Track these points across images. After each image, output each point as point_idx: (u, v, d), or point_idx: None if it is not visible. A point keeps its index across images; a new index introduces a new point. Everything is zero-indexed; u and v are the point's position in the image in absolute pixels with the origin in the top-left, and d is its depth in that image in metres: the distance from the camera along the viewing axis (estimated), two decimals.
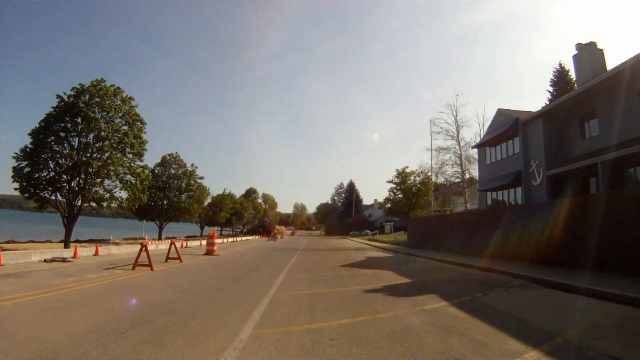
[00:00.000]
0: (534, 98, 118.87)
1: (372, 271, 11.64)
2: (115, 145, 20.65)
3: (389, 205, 70.09)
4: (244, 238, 45.42)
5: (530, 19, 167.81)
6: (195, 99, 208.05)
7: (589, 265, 9.03)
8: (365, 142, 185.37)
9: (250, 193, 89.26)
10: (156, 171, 39.49)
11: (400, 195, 68.24)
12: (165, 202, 38.42)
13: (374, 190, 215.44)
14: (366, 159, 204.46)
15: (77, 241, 25.56)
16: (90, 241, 30.28)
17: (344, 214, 78.03)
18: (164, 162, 39.92)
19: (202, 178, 41.69)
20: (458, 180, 31.58)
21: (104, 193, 20.97)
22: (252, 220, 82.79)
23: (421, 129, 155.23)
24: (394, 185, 68.68)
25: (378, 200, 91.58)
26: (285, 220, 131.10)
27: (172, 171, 39.65)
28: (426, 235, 21.99)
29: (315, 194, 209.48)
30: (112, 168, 20.35)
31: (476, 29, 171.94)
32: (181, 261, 13.00)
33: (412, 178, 68.03)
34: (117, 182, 21.32)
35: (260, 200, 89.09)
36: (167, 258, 13.20)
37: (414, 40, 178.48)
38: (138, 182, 21.87)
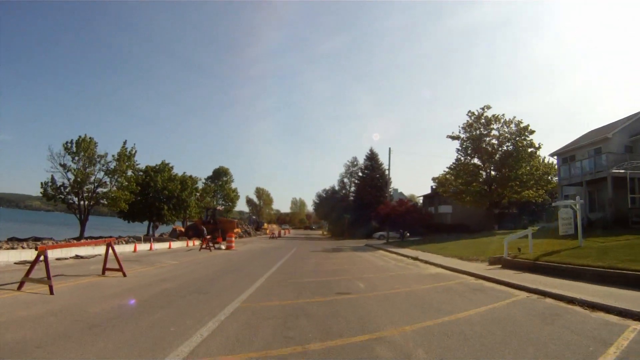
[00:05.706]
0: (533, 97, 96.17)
1: None
2: None
3: (453, 178, 31.39)
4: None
5: (531, 18, 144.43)
6: (194, 97, 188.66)
7: None
8: (365, 141, 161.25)
9: (219, 174, 60.36)
10: None
11: (474, 161, 37.72)
12: None
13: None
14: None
15: None
16: None
17: (361, 203, 48.37)
18: None
19: None
20: None
21: None
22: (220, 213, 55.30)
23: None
24: (466, 141, 37.42)
25: (398, 189, 62.33)
26: (284, 218, 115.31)
27: None
28: None
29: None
30: None
31: (477, 27, 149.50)
32: None
33: (497, 127, 36.82)
34: None
35: (234, 186, 60.26)
36: None
37: (414, 39, 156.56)
38: None
